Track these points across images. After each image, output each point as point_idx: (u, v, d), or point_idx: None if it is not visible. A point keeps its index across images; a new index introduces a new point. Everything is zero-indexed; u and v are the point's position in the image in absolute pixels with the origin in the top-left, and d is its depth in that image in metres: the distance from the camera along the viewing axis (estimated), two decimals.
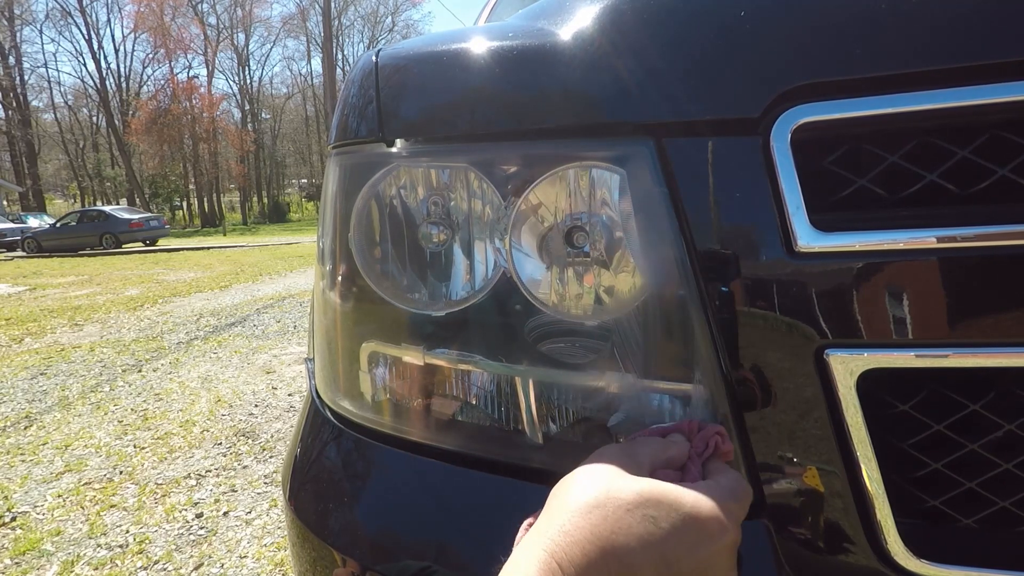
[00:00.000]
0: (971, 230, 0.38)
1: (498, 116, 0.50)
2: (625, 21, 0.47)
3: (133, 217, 17.89)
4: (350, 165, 0.59)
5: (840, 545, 0.43)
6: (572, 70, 0.47)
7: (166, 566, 1.80)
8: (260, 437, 2.74)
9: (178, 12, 39.43)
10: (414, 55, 0.55)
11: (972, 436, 0.42)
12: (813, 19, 0.41)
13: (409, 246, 0.56)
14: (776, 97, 0.41)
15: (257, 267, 9.99)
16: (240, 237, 21.94)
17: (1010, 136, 0.39)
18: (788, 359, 0.42)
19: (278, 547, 1.88)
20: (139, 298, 7.06)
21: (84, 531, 2.01)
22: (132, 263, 12.17)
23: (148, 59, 41.53)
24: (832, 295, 0.40)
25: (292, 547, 0.64)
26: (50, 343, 4.83)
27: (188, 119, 35.94)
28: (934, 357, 0.39)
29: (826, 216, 0.40)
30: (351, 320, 0.60)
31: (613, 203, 0.48)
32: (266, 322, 5.32)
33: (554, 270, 0.50)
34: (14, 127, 36.71)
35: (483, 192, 0.52)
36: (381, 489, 0.58)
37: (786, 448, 0.43)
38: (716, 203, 0.43)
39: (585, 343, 0.50)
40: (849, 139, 0.42)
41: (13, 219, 22.58)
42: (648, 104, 0.45)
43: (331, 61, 34.13)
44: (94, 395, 3.46)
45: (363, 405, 0.60)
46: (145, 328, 5.30)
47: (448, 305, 0.54)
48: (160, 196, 37.62)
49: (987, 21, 0.37)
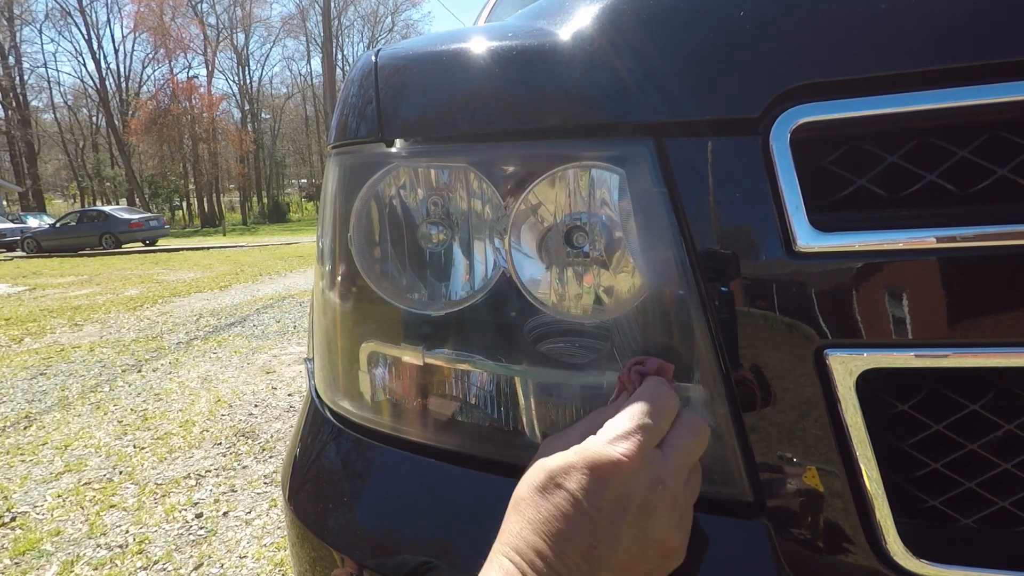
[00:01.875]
0: (971, 230, 0.38)
1: (498, 116, 0.50)
2: (625, 21, 0.47)
3: (133, 217, 17.90)
4: (350, 165, 0.59)
5: (840, 545, 0.43)
6: (572, 70, 0.47)
7: (166, 566, 1.80)
8: (260, 437, 2.74)
9: (178, 12, 39.46)
10: (414, 55, 0.55)
11: (972, 436, 0.42)
12: (812, 19, 0.41)
13: (408, 246, 0.56)
14: (776, 97, 0.41)
15: (257, 267, 9.99)
16: (240, 237, 21.94)
17: (1010, 136, 0.39)
18: (788, 359, 0.42)
19: (278, 547, 1.88)
20: (139, 298, 7.05)
21: (84, 531, 2.01)
22: (132, 263, 12.17)
23: (148, 59, 41.56)
24: (832, 295, 0.40)
25: (292, 547, 0.64)
26: (50, 343, 4.83)
27: (188, 119, 35.95)
28: (934, 357, 0.39)
29: (826, 216, 0.40)
30: (350, 320, 0.60)
31: (613, 203, 0.48)
32: (266, 322, 5.32)
33: (554, 270, 0.50)
34: (14, 127, 36.71)
35: (483, 192, 0.52)
36: (381, 489, 0.58)
37: (786, 448, 0.43)
38: (715, 203, 0.43)
39: (585, 343, 0.50)
40: (849, 139, 0.42)
41: (13, 219, 22.59)
42: (647, 104, 0.45)
43: (331, 61, 34.12)
44: (94, 395, 3.46)
45: (362, 405, 0.60)
46: (145, 328, 5.30)
47: (448, 305, 0.54)
48: (160, 196, 37.62)
49: (987, 21, 0.37)
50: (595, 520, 0.38)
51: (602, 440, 0.40)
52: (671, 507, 0.39)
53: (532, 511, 0.39)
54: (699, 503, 0.45)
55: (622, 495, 0.38)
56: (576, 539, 0.37)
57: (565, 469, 0.39)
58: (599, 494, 0.38)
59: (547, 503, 0.39)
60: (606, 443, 0.39)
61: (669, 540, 0.39)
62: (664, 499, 0.39)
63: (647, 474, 0.38)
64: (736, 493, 0.45)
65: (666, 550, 0.39)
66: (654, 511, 0.38)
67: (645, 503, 0.38)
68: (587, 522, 0.38)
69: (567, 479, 0.39)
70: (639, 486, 0.38)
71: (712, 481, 0.45)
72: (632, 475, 0.38)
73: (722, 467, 0.45)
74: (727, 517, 0.45)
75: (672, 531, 0.39)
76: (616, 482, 0.38)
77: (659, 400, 0.41)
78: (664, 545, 0.39)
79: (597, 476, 0.38)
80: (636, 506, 0.38)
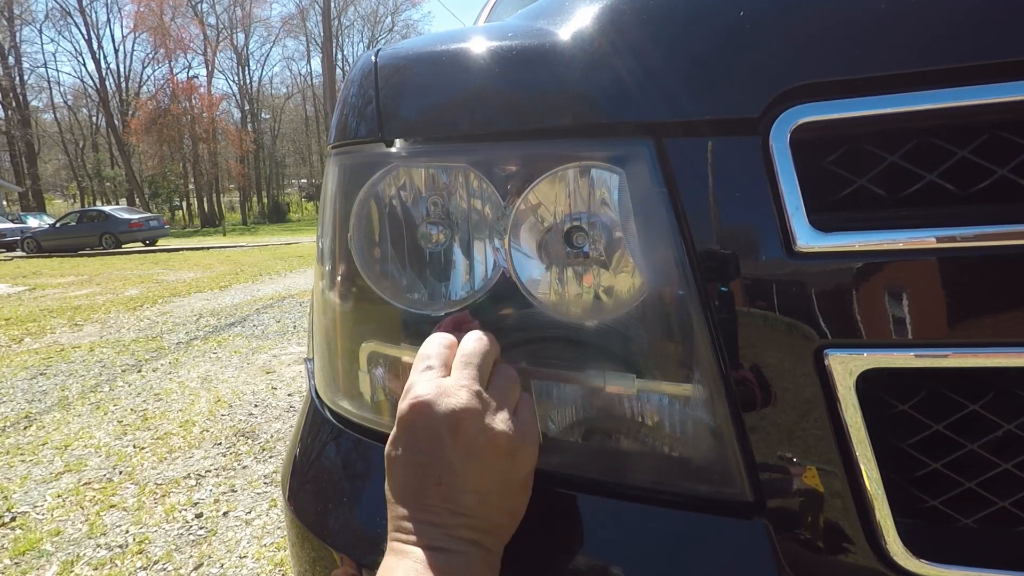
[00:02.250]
0: (971, 230, 0.37)
1: (497, 116, 0.50)
2: (624, 21, 0.47)
3: (133, 217, 17.91)
4: (349, 165, 0.59)
5: (839, 545, 0.43)
6: (571, 70, 0.47)
7: (166, 566, 1.80)
8: (260, 437, 2.74)
9: (178, 12, 39.46)
10: (414, 55, 0.55)
11: (971, 436, 0.42)
12: (812, 19, 0.41)
13: (408, 246, 0.56)
14: (775, 97, 0.41)
15: (257, 267, 9.99)
16: (240, 237, 21.95)
17: (1010, 136, 0.39)
18: (787, 359, 0.42)
19: (278, 547, 1.88)
20: (139, 298, 7.06)
21: (84, 531, 2.01)
22: (132, 263, 12.17)
23: (148, 59, 41.58)
24: (831, 295, 0.40)
25: (292, 547, 0.64)
26: (50, 343, 4.83)
27: (188, 119, 35.95)
28: (934, 357, 0.39)
29: (825, 216, 0.40)
30: (350, 320, 0.60)
31: (612, 203, 0.48)
32: (266, 322, 5.32)
33: (553, 270, 0.50)
34: (14, 127, 36.71)
35: (483, 192, 0.52)
36: (381, 489, 0.58)
37: (785, 448, 0.43)
38: (715, 203, 0.43)
39: (584, 343, 0.50)
40: (848, 139, 0.42)
41: (13, 219, 22.59)
42: (647, 104, 0.45)
43: (331, 61, 34.13)
44: (94, 395, 3.46)
45: (362, 405, 0.59)
46: (145, 328, 5.30)
47: (448, 305, 0.54)
48: (160, 196, 37.63)
49: (987, 21, 0.37)
50: (424, 462, 0.42)
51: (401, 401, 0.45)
52: (476, 414, 0.42)
53: (389, 489, 0.44)
54: (699, 503, 0.45)
55: (429, 429, 0.42)
56: (423, 488, 0.42)
57: (392, 442, 0.45)
58: (416, 441, 0.43)
59: (395, 479, 0.44)
60: (401, 401, 0.44)
61: (496, 440, 0.42)
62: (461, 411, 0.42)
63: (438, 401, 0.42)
64: (736, 493, 0.45)
65: (506, 450, 0.42)
66: (461, 424, 0.41)
67: (449, 423, 0.41)
68: (421, 468, 0.42)
69: (394, 448, 0.44)
70: (435, 414, 0.42)
71: (712, 481, 0.45)
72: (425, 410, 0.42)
73: (722, 467, 0.45)
74: (727, 517, 0.45)
75: (493, 432, 0.42)
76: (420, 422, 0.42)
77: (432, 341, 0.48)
78: (500, 447, 0.42)
79: (407, 429, 0.43)
80: (445, 430, 0.41)
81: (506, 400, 0.45)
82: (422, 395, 0.43)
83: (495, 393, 0.44)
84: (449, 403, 0.42)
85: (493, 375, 0.46)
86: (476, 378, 0.44)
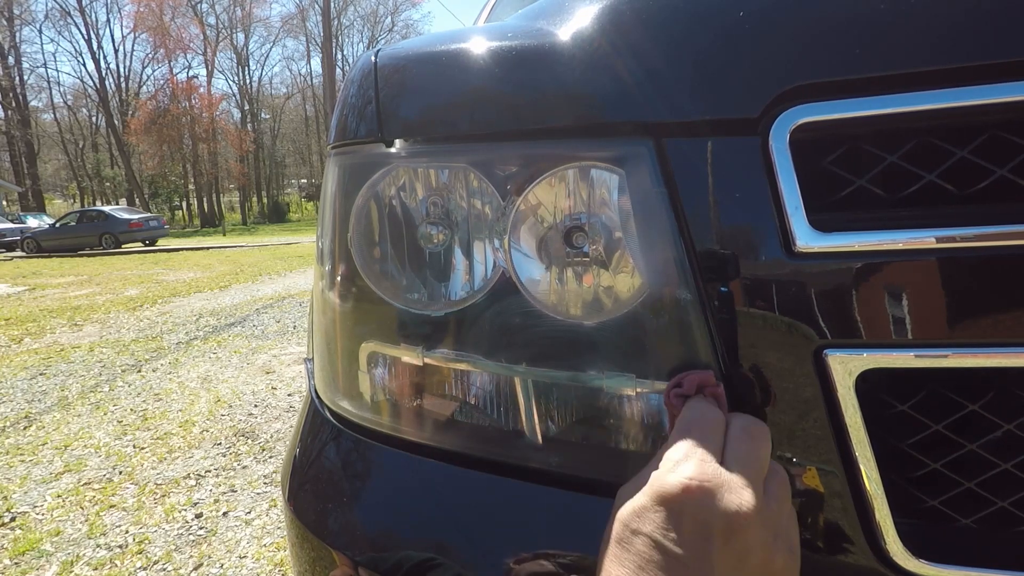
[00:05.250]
0: (970, 230, 0.38)
1: (497, 116, 0.50)
2: (624, 21, 0.47)
3: (133, 217, 17.90)
4: (349, 165, 0.59)
5: (839, 545, 0.43)
6: (571, 70, 0.47)
7: (165, 566, 1.80)
8: (260, 437, 2.74)
9: (177, 12, 39.45)
10: (413, 55, 0.55)
11: (971, 436, 0.42)
12: (812, 19, 0.41)
13: (408, 246, 0.56)
14: (775, 97, 0.41)
15: (256, 267, 9.99)
16: (239, 237, 21.94)
17: (1010, 136, 0.39)
18: (787, 359, 0.42)
19: (278, 547, 1.88)
20: (139, 298, 7.05)
21: (83, 531, 2.01)
22: (131, 263, 12.17)
23: (147, 59, 41.55)
24: (831, 295, 0.40)
25: (291, 547, 0.64)
26: (49, 343, 4.83)
27: (187, 119, 35.94)
28: (933, 357, 0.39)
29: (825, 216, 0.40)
30: (350, 320, 0.60)
31: (612, 203, 0.48)
32: (265, 322, 5.31)
33: (553, 270, 0.50)
34: (13, 127, 36.70)
35: (482, 192, 0.52)
36: (380, 489, 0.58)
37: (785, 448, 0.43)
38: (715, 203, 0.43)
39: (584, 343, 0.50)
40: (848, 139, 0.42)
41: (12, 219, 22.58)
42: (647, 104, 0.45)
43: (331, 61, 34.12)
44: (93, 395, 3.46)
45: (362, 405, 0.59)
46: (145, 328, 5.30)
47: (447, 305, 0.54)
48: (160, 196, 37.64)
49: (987, 21, 0.37)
50: (681, 558, 0.34)
51: (663, 472, 0.37)
52: (759, 523, 0.35)
53: (617, 568, 0.36)
54: None
55: (700, 522, 0.34)
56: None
57: (637, 513, 0.36)
58: (677, 528, 0.35)
59: (629, 555, 0.36)
60: (667, 473, 0.37)
61: (772, 561, 0.35)
62: (746, 515, 0.35)
63: (718, 493, 0.35)
64: None
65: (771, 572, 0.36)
66: (740, 531, 0.34)
67: (727, 525, 0.34)
68: (674, 562, 0.34)
69: (642, 522, 0.36)
70: (714, 507, 0.35)
71: None
72: (702, 497, 0.35)
73: None
74: None
75: (771, 550, 0.35)
76: (689, 510, 0.35)
77: (703, 416, 0.39)
78: (768, 568, 0.35)
79: (669, 509, 0.35)
80: (719, 531, 0.34)
81: (783, 511, 0.38)
82: (702, 479, 0.35)
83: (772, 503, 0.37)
84: (733, 501, 0.35)
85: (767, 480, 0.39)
86: (760, 483, 0.37)
